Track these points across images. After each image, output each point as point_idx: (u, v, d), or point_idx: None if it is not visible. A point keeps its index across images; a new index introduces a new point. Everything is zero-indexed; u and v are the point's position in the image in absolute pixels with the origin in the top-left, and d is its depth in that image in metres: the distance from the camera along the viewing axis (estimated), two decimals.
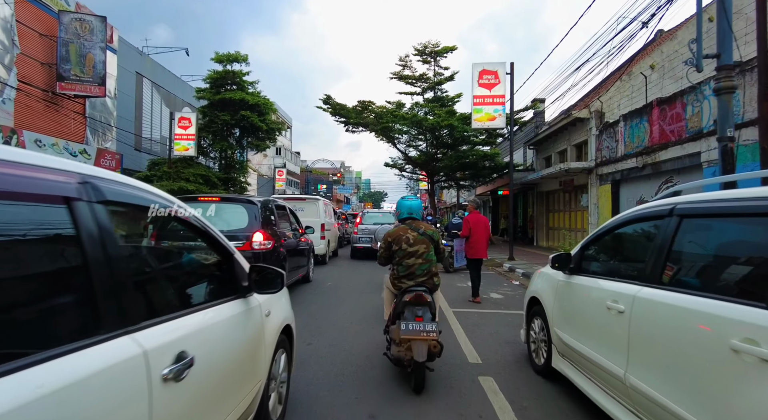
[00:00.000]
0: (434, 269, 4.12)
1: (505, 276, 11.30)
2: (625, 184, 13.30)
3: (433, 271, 4.09)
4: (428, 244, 4.18)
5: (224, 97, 21.26)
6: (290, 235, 8.27)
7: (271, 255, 6.32)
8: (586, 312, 3.24)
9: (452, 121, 17.27)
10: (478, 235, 7.94)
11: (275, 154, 48.72)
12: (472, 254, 8.01)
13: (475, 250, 7.95)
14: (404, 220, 4.42)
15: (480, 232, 7.92)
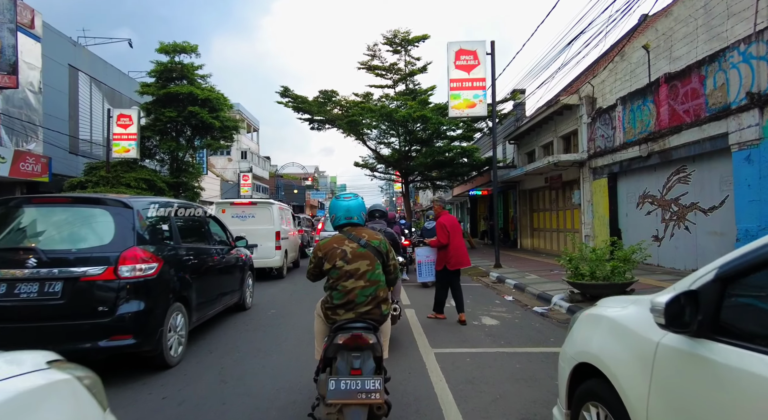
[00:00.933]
0: (382, 294, 3.04)
1: (494, 289, 9.41)
2: (625, 177, 11.65)
3: (381, 296, 3.03)
4: (373, 260, 3.12)
5: (169, 91, 18.82)
6: (210, 251, 6.14)
7: (157, 284, 4.20)
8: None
9: (425, 112, 15.39)
10: (458, 241, 6.49)
11: (240, 158, 46.08)
12: (456, 264, 6.48)
13: (457, 258, 6.46)
14: (341, 227, 3.33)
15: (459, 237, 6.56)
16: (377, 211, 6.28)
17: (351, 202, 3.38)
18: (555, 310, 7.11)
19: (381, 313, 2.96)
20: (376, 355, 2.75)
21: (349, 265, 3.01)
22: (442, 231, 6.44)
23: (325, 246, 3.14)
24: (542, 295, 8.01)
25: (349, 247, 3.09)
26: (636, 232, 11.09)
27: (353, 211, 3.31)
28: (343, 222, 3.30)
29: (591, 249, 7.15)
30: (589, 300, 6.92)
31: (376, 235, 3.28)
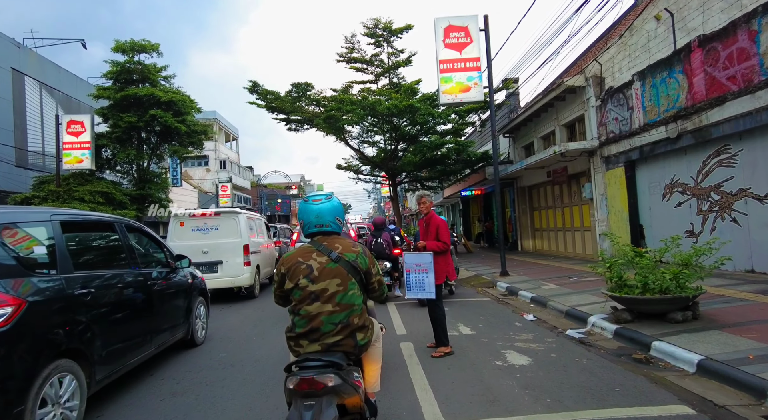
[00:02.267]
0: (356, 320, 2.44)
1: (507, 304, 7.72)
2: (646, 165, 10.11)
3: (355, 323, 2.43)
4: (345, 279, 2.50)
5: (127, 94, 16.94)
6: (132, 278, 4.42)
7: (12, 339, 2.56)
8: None
9: (413, 101, 13.73)
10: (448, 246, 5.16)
11: (219, 168, 44.06)
12: (453, 274, 5.34)
13: (453, 267, 5.36)
14: (312, 235, 2.68)
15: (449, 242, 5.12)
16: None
17: (323, 205, 2.71)
18: (596, 334, 5.45)
19: (355, 344, 2.43)
20: (343, 401, 2.23)
21: (314, 284, 2.46)
22: (447, 230, 5.00)
23: (289, 260, 2.57)
24: (572, 312, 6.34)
25: (316, 261, 2.54)
26: (663, 228, 9.54)
27: (325, 216, 2.69)
28: (313, 230, 2.69)
29: (636, 251, 5.51)
30: (639, 319, 5.28)
31: (353, 247, 2.66)
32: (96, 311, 3.65)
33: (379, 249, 8.28)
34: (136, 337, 4.31)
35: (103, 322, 3.72)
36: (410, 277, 4.93)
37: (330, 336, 2.38)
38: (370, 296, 2.78)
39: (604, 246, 11.52)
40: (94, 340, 3.54)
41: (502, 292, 8.95)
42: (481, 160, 16.85)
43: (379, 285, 2.75)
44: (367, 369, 2.63)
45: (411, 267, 4.95)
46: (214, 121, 44.75)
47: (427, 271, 4.85)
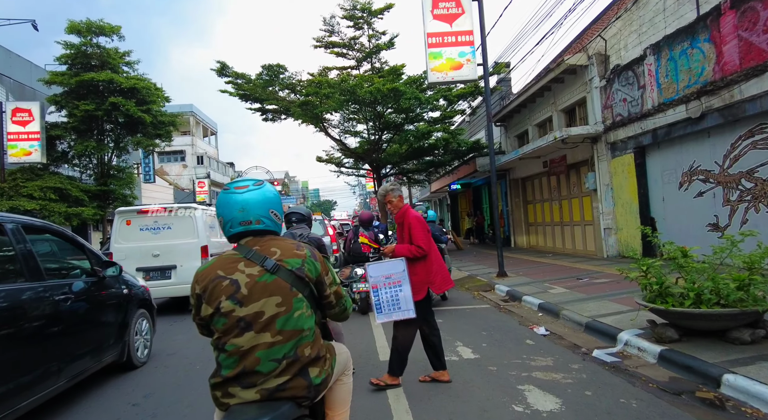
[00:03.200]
0: (308, 351, 1.81)
1: (510, 313, 6.54)
2: (659, 150, 9.03)
3: (306, 355, 1.80)
4: (288, 295, 1.83)
5: (83, 79, 15.29)
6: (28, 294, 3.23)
7: None
8: None
9: (397, 84, 12.45)
10: (435, 249, 3.90)
11: (197, 164, 42.21)
12: (442, 284, 3.85)
13: (443, 275, 3.86)
14: (237, 238, 1.94)
15: (433, 242, 3.92)
16: (294, 214, 4.48)
17: (249, 194, 1.87)
18: (632, 357, 4.28)
19: (309, 384, 1.75)
20: None
21: (243, 306, 1.74)
22: (422, 230, 3.70)
23: (204, 275, 1.80)
24: (595, 325, 5.17)
25: (245, 274, 1.78)
26: (679, 221, 8.48)
27: (254, 209, 1.86)
28: (238, 230, 1.87)
29: (683, 251, 4.35)
30: (688, 336, 4.13)
31: (297, 250, 1.89)
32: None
33: (357, 250, 7.03)
34: (32, 370, 3.21)
35: None
36: (379, 294, 3.68)
37: (271, 378, 1.74)
38: (327, 314, 2.08)
39: (610, 242, 10.46)
40: None
41: (502, 296, 7.78)
42: (471, 151, 15.67)
43: (338, 298, 2.06)
44: (330, 417, 2.01)
45: (378, 281, 3.69)
46: (190, 114, 42.92)
47: (401, 282, 3.62)
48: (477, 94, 15.22)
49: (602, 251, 10.78)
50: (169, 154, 42.43)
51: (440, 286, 3.80)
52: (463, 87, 14.99)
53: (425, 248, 3.64)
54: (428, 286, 3.71)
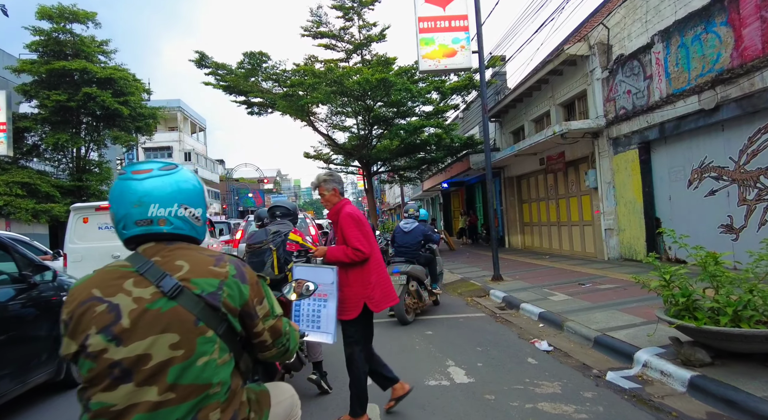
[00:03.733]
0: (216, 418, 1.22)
1: (508, 323, 5.86)
2: (665, 146, 8.41)
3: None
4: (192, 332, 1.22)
5: (53, 67, 14.41)
6: None
7: None
8: None
9: (386, 74, 11.72)
10: (378, 254, 3.18)
11: (185, 160, 41.19)
12: (383, 299, 3.08)
13: (384, 288, 3.10)
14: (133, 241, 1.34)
15: (377, 245, 3.20)
16: (278, 208, 4.02)
17: (150, 182, 1.32)
18: (654, 382, 3.62)
19: None
20: None
21: (122, 345, 1.18)
22: (357, 229, 2.95)
23: (74, 295, 1.24)
24: (606, 341, 4.50)
25: (131, 296, 1.23)
26: (687, 222, 7.88)
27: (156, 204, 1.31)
28: (134, 232, 1.32)
29: (715, 258, 3.69)
30: (721, 358, 3.48)
31: (215, 265, 1.33)
32: None
33: None
34: None
35: None
36: (301, 305, 2.99)
37: None
38: (260, 356, 1.48)
39: (611, 243, 9.84)
40: None
41: (498, 303, 7.11)
42: (465, 147, 15.01)
43: (275, 336, 1.45)
44: None
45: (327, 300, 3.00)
46: (178, 110, 41.93)
47: (327, 297, 2.93)
48: (471, 87, 14.56)
49: (603, 253, 10.16)
50: (155, 150, 41.43)
51: (380, 303, 3.00)
52: (457, 80, 14.34)
53: (364, 250, 2.90)
54: (365, 302, 2.96)
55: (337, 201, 3.07)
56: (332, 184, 3.09)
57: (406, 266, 6.18)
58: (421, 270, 6.42)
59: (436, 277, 6.96)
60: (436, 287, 6.93)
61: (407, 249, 6.50)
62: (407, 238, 6.54)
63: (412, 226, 6.61)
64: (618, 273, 8.04)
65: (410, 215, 6.81)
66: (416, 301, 6.24)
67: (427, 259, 6.70)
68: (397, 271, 6.08)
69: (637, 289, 6.43)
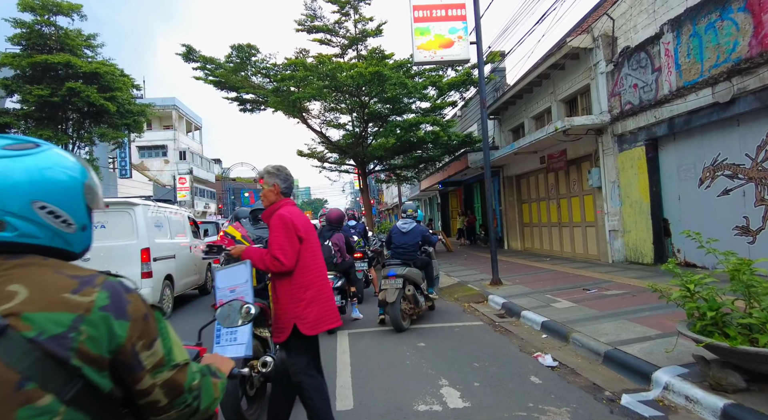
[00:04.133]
0: None
1: (508, 333, 5.37)
2: (674, 143, 7.94)
3: None
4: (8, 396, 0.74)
5: (35, 61, 13.88)
6: None
7: None
8: None
9: (382, 68, 11.21)
10: (319, 264, 2.67)
11: (179, 159, 40.64)
12: (319, 321, 2.55)
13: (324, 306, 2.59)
14: None
15: (320, 254, 2.73)
16: (261, 210, 3.43)
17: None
18: (678, 409, 3.14)
19: None
20: None
21: None
22: (285, 234, 2.49)
23: None
24: (618, 357, 4.02)
25: None
26: (698, 223, 7.40)
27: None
28: None
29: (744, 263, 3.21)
30: (757, 382, 3.00)
31: (73, 293, 0.84)
32: None
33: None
34: None
35: None
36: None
37: None
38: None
39: (615, 245, 9.37)
40: None
41: (496, 310, 6.63)
42: (463, 145, 14.52)
43: (173, 394, 0.96)
44: None
45: (224, 296, 2.53)
46: (173, 108, 41.41)
47: (243, 298, 2.45)
48: (470, 83, 14.07)
49: (607, 256, 9.69)
50: (150, 149, 40.88)
51: (315, 324, 2.49)
52: (455, 76, 13.86)
53: (284, 261, 2.43)
54: (294, 323, 2.47)
55: (276, 200, 2.62)
56: (275, 179, 2.63)
57: (403, 269, 5.70)
58: (417, 273, 5.94)
59: (433, 281, 6.48)
60: (433, 292, 6.45)
61: (404, 250, 6.02)
62: (405, 239, 6.07)
63: (410, 227, 6.14)
64: (624, 277, 7.56)
65: (409, 215, 6.33)
66: (412, 307, 5.77)
67: (424, 262, 6.22)
68: (393, 274, 5.60)
69: (647, 296, 5.96)
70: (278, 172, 2.66)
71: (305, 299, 2.49)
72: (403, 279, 5.57)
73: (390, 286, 5.49)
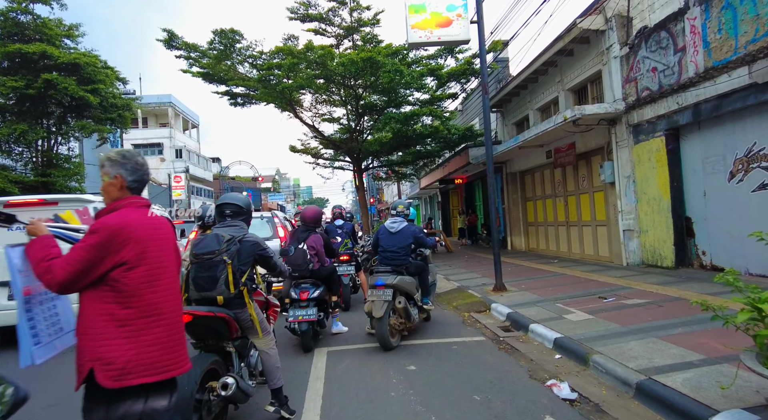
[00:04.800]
0: None
1: (513, 351, 4.53)
2: (699, 132, 7.10)
3: None
4: None
5: (8, 50, 13.10)
6: None
7: None
8: None
9: (375, 54, 10.36)
10: (166, 291, 1.84)
11: (176, 157, 39.90)
12: (122, 373, 1.67)
13: (139, 354, 1.71)
14: None
15: (171, 276, 1.88)
16: (227, 205, 3.19)
17: None
18: None
19: None
20: None
21: None
22: (82, 246, 1.71)
23: None
24: (654, 390, 3.19)
25: None
26: (728, 223, 6.59)
27: None
28: None
29: None
30: None
31: None
32: None
33: (295, 262, 4.99)
34: None
35: None
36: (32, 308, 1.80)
37: None
38: None
39: (631, 246, 8.53)
40: None
41: (501, 322, 5.80)
42: (463, 140, 13.68)
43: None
44: None
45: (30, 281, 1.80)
46: (169, 105, 40.68)
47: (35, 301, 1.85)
48: (471, 74, 13.24)
49: (620, 258, 8.85)
50: (145, 147, 40.15)
51: (125, 372, 1.67)
52: (455, 66, 13.03)
53: (58, 277, 1.67)
54: (91, 366, 1.67)
55: (118, 196, 1.89)
56: (118, 169, 1.88)
57: (393, 277, 4.87)
58: (411, 282, 5.12)
59: (428, 289, 5.65)
60: (428, 302, 5.62)
61: (394, 254, 5.18)
62: (394, 241, 5.23)
63: (400, 226, 5.30)
64: (644, 283, 6.72)
65: (399, 213, 5.49)
66: (403, 322, 4.94)
67: (418, 268, 5.41)
68: (381, 284, 4.78)
69: (677, 307, 5.14)
70: (124, 160, 1.91)
71: (114, 337, 1.69)
72: (393, 289, 4.75)
73: (377, 298, 4.67)
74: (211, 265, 2.94)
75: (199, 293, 2.99)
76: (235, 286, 2.98)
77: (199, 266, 2.99)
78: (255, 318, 3.15)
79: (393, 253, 5.14)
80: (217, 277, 2.94)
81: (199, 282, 2.97)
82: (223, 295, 2.94)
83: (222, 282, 2.94)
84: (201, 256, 2.98)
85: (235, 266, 2.99)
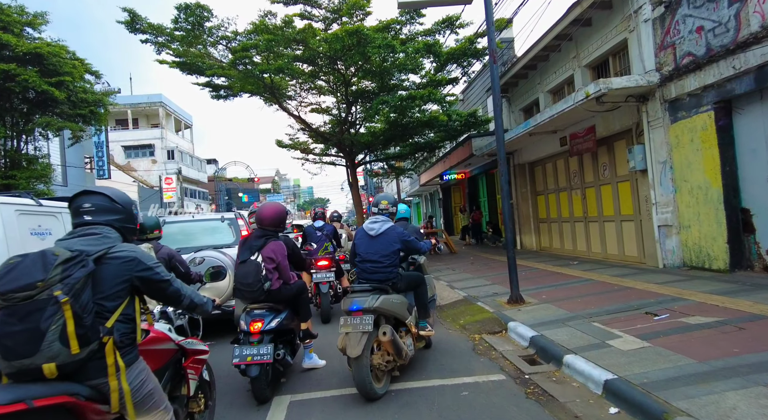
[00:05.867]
0: None
1: (545, 399, 3.18)
2: (760, 103, 5.76)
3: None
4: None
5: None
6: None
7: None
8: None
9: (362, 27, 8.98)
10: None
11: (168, 159, 38.62)
12: None
13: None
14: None
15: None
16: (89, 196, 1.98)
17: None
18: None
19: None
20: None
21: None
22: None
23: None
24: None
25: None
26: None
27: None
28: None
29: None
30: None
31: None
32: None
33: (245, 280, 3.65)
34: None
35: None
36: None
37: None
38: None
39: (669, 245, 7.18)
40: None
41: (522, 348, 4.47)
42: (466, 128, 12.32)
43: None
44: None
45: None
46: (160, 105, 39.41)
47: None
48: (472, 55, 11.89)
49: (655, 259, 7.49)
50: (136, 149, 38.96)
51: None
52: (456, 44, 11.67)
53: None
54: None
55: None
56: None
57: (374, 298, 3.51)
58: (400, 302, 3.78)
59: (427, 309, 4.31)
60: (426, 325, 4.29)
61: (375, 266, 3.83)
62: (376, 247, 3.87)
63: (382, 227, 3.94)
64: (698, 292, 5.37)
65: (381, 210, 4.13)
66: (391, 360, 3.57)
67: (411, 282, 4.08)
68: (357, 308, 3.43)
69: (765, 329, 3.80)
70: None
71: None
72: (374, 315, 3.41)
73: (353, 329, 3.33)
74: (29, 311, 1.63)
75: (9, 362, 1.66)
76: (83, 340, 1.68)
77: (8, 314, 1.66)
78: (127, 391, 1.84)
79: (374, 264, 3.79)
80: (41, 329, 1.63)
81: (6, 343, 1.64)
82: (57, 359, 1.65)
83: (53, 337, 1.63)
84: (8, 293, 1.65)
85: (81, 304, 1.69)
